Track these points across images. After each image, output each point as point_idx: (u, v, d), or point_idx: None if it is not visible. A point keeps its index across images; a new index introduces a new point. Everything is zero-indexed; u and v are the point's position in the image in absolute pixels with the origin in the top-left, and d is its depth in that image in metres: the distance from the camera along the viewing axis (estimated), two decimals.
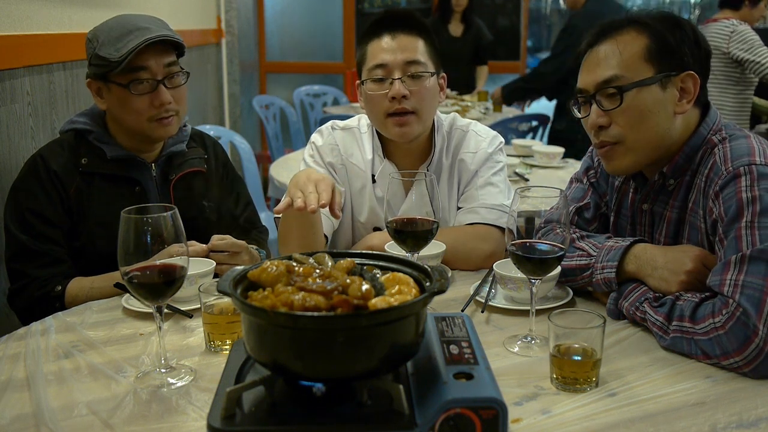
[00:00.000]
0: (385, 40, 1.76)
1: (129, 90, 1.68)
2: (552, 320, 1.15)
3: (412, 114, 1.75)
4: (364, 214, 1.90)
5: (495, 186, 1.85)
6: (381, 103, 1.76)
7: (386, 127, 1.79)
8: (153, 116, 1.72)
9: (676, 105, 1.38)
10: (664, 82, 1.37)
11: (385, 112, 1.76)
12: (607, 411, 1.07)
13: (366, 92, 1.78)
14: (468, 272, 1.71)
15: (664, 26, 1.39)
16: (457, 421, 0.89)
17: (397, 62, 1.74)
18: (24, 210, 1.70)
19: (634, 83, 1.37)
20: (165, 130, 1.75)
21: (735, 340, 1.16)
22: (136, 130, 1.74)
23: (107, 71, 1.67)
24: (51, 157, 1.73)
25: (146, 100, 1.70)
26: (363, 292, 0.91)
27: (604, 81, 1.39)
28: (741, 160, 1.30)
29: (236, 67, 5.28)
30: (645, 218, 1.51)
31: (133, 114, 1.71)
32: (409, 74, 1.74)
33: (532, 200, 1.35)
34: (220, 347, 1.30)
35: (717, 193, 1.31)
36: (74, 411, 1.09)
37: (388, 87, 1.74)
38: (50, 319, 1.46)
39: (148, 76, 1.69)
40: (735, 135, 1.38)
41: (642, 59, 1.37)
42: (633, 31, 1.39)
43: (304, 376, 0.92)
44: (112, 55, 1.65)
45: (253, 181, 3.45)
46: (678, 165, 1.41)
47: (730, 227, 1.26)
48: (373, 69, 1.75)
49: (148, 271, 1.14)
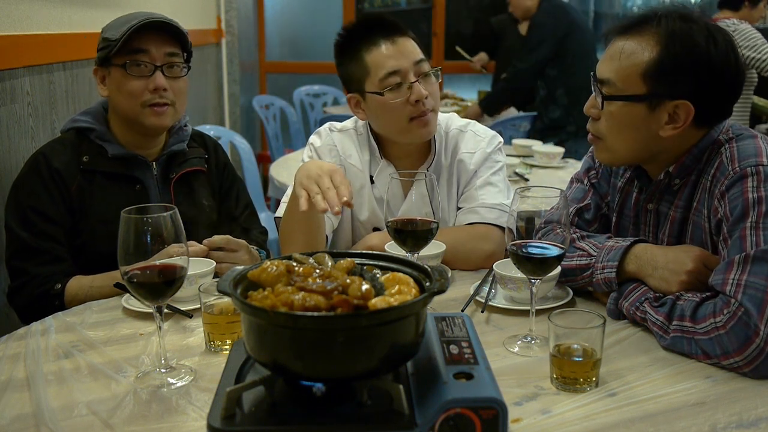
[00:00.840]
0: (385, 46, 1.74)
1: (126, 70, 1.70)
2: (552, 320, 1.15)
3: (432, 112, 1.77)
4: (363, 214, 1.90)
5: (494, 186, 1.85)
6: (402, 109, 1.74)
7: (410, 131, 1.77)
8: (146, 101, 1.72)
9: (661, 128, 1.36)
10: (653, 103, 1.34)
11: (407, 117, 1.74)
12: (607, 411, 1.07)
13: (382, 103, 1.74)
14: (468, 272, 1.71)
15: (677, 47, 1.31)
16: (457, 421, 0.89)
17: (409, 65, 1.73)
18: (25, 207, 1.70)
19: (619, 96, 1.36)
20: (158, 119, 1.75)
21: (736, 340, 1.16)
22: (130, 116, 1.75)
23: (108, 53, 1.70)
24: (53, 155, 1.74)
25: (142, 84, 1.71)
26: (363, 292, 0.91)
27: (600, 79, 1.39)
28: (748, 161, 1.29)
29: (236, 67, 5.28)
30: (650, 218, 1.51)
31: (128, 97, 1.72)
32: (423, 74, 1.75)
33: (532, 200, 1.35)
34: (220, 347, 1.30)
35: (723, 192, 1.31)
36: (74, 411, 1.09)
37: (407, 92, 1.73)
38: (50, 319, 1.46)
39: (147, 59, 1.71)
40: (742, 135, 1.37)
41: (639, 75, 1.34)
42: (650, 38, 1.34)
43: (304, 376, 0.92)
44: (113, 35, 1.69)
45: (253, 181, 3.45)
46: (685, 165, 1.40)
47: (735, 227, 1.26)
48: (386, 78, 1.72)
49: (148, 271, 1.14)
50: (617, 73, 1.36)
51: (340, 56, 1.82)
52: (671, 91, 1.33)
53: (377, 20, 1.79)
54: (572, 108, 4.28)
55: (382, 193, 1.87)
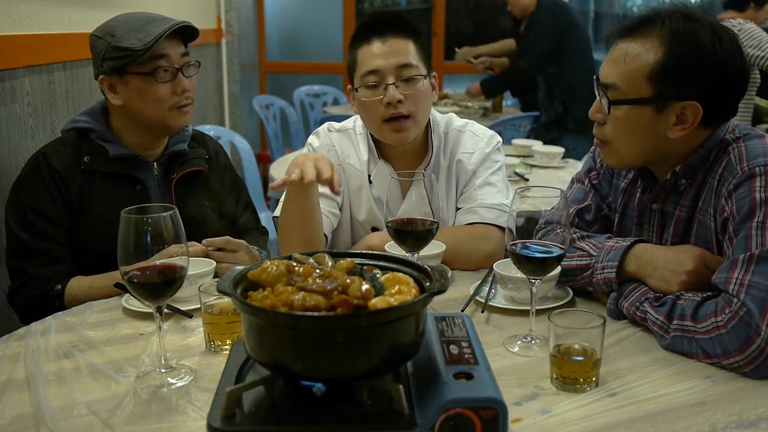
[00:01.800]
0: (376, 45, 1.75)
1: (155, 78, 1.70)
2: (552, 320, 1.15)
3: (408, 118, 1.76)
4: (362, 215, 1.90)
5: (493, 186, 1.85)
6: (376, 109, 1.75)
7: (383, 133, 1.79)
8: (174, 104, 1.75)
9: (669, 129, 1.35)
10: (660, 105, 1.33)
11: (381, 118, 1.76)
12: (607, 411, 1.07)
13: (360, 99, 1.78)
14: (468, 272, 1.71)
15: (683, 47, 1.31)
16: (457, 421, 0.89)
17: (390, 67, 1.73)
18: (25, 208, 1.70)
19: (625, 100, 1.35)
20: (184, 119, 1.79)
21: (736, 340, 1.16)
22: (155, 120, 1.76)
23: (128, 62, 1.68)
24: (53, 156, 1.74)
25: (168, 88, 1.73)
26: (363, 292, 0.91)
27: (605, 84, 1.38)
28: (757, 161, 1.29)
29: (236, 67, 5.27)
30: (654, 218, 1.50)
31: (155, 103, 1.73)
32: (403, 78, 1.74)
33: (532, 200, 1.35)
34: (220, 347, 1.30)
35: (730, 191, 1.30)
36: (74, 411, 1.09)
37: (383, 93, 1.73)
38: (50, 319, 1.46)
39: (168, 64, 1.72)
40: (750, 134, 1.37)
41: (645, 77, 1.33)
42: (654, 39, 1.33)
43: (304, 376, 0.92)
44: (135, 44, 1.67)
45: (253, 181, 3.45)
46: (691, 165, 1.40)
47: (740, 226, 1.26)
48: (365, 75, 1.75)
49: (148, 271, 1.14)
50: (622, 76, 1.35)
51: (350, 46, 1.85)
52: (678, 92, 1.32)
53: (387, 17, 1.80)
54: (571, 105, 4.28)
55: (380, 193, 1.87)
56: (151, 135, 1.80)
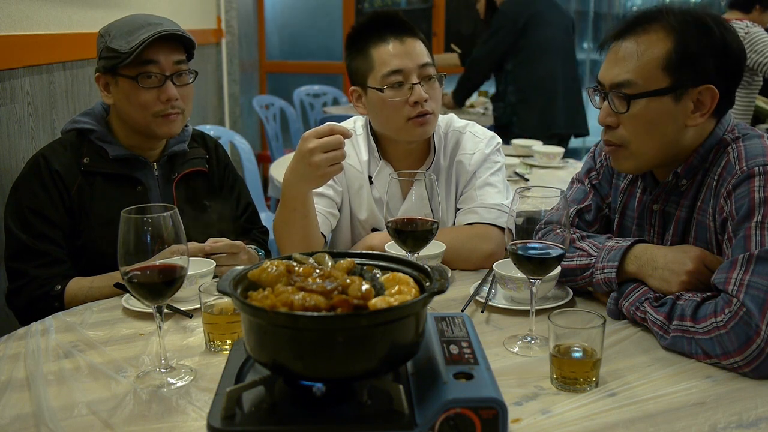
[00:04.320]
0: (393, 44, 1.75)
1: (137, 82, 1.69)
2: (552, 320, 1.15)
3: (432, 114, 1.78)
4: (362, 215, 1.90)
5: (493, 186, 1.85)
6: (401, 109, 1.75)
7: (407, 130, 1.78)
8: (158, 111, 1.73)
9: (689, 117, 1.36)
10: (678, 93, 1.34)
11: (406, 117, 1.76)
12: (607, 411, 1.07)
13: (382, 99, 1.76)
14: (468, 272, 1.71)
15: (692, 32, 1.33)
16: (457, 421, 0.89)
17: (414, 66, 1.75)
18: (25, 209, 1.70)
19: (645, 93, 1.35)
20: (169, 128, 1.76)
21: (736, 340, 1.16)
22: (140, 125, 1.75)
23: (116, 63, 1.68)
24: (53, 157, 1.74)
25: (153, 95, 1.71)
26: (363, 292, 0.91)
27: (617, 83, 1.37)
28: (756, 160, 1.29)
29: (236, 67, 5.28)
30: (655, 219, 1.50)
31: (139, 108, 1.72)
32: (425, 77, 1.76)
33: (532, 200, 1.35)
34: (220, 347, 1.30)
35: (729, 191, 1.30)
36: (74, 411, 1.09)
37: (407, 92, 1.74)
38: (50, 319, 1.46)
39: (157, 70, 1.70)
40: (749, 134, 1.37)
41: (659, 68, 1.34)
42: (660, 31, 1.35)
43: (304, 376, 0.92)
44: (123, 46, 1.67)
45: (253, 181, 3.45)
46: (692, 165, 1.40)
47: (740, 226, 1.26)
48: (388, 75, 1.75)
49: (148, 271, 1.14)
50: (637, 71, 1.35)
51: (350, 48, 1.85)
52: (694, 77, 1.34)
53: (390, 17, 1.80)
54: (519, 107, 4.12)
55: (381, 193, 1.87)
56: (143, 137, 1.79)
